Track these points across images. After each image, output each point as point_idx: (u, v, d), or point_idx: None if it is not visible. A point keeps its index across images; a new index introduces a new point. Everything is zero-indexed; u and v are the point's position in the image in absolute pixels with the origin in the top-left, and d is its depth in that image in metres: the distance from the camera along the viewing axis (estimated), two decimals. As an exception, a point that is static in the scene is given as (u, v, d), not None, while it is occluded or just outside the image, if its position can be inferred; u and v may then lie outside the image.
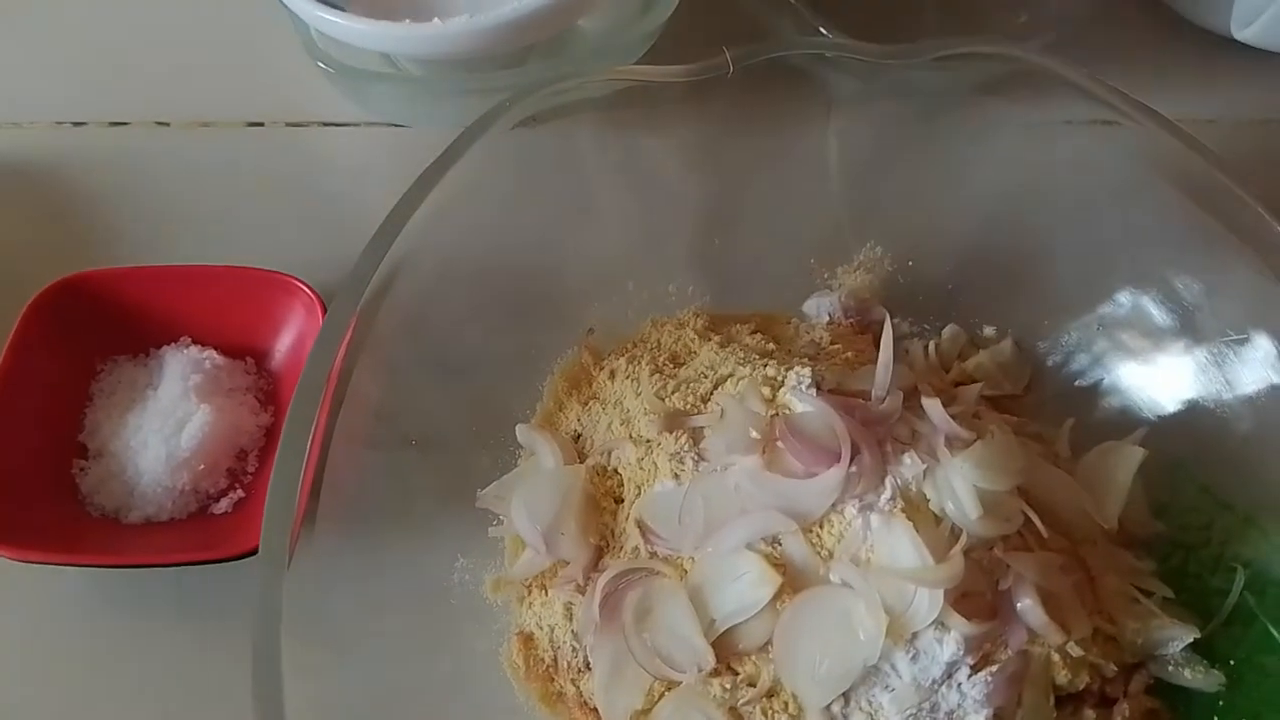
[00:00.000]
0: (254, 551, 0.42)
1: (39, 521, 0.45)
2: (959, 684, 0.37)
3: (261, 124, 0.60)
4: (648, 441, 0.43)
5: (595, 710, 0.40)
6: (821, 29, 0.57)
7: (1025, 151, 0.49)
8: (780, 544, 0.39)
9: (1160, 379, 0.46)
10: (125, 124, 0.60)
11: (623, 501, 0.43)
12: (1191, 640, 0.40)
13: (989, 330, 0.50)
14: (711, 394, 0.44)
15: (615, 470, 0.44)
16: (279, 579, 0.34)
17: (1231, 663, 0.40)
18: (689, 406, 0.43)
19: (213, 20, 0.60)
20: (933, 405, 0.39)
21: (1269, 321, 0.42)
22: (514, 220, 0.46)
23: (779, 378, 0.42)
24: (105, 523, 0.46)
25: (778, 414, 0.41)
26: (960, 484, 0.38)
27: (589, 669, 0.41)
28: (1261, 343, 0.42)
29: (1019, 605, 0.38)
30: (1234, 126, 0.62)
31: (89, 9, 0.65)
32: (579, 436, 0.46)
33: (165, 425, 0.47)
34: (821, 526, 0.38)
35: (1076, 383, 0.48)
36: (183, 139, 0.60)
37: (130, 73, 0.62)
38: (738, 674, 0.38)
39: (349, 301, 0.38)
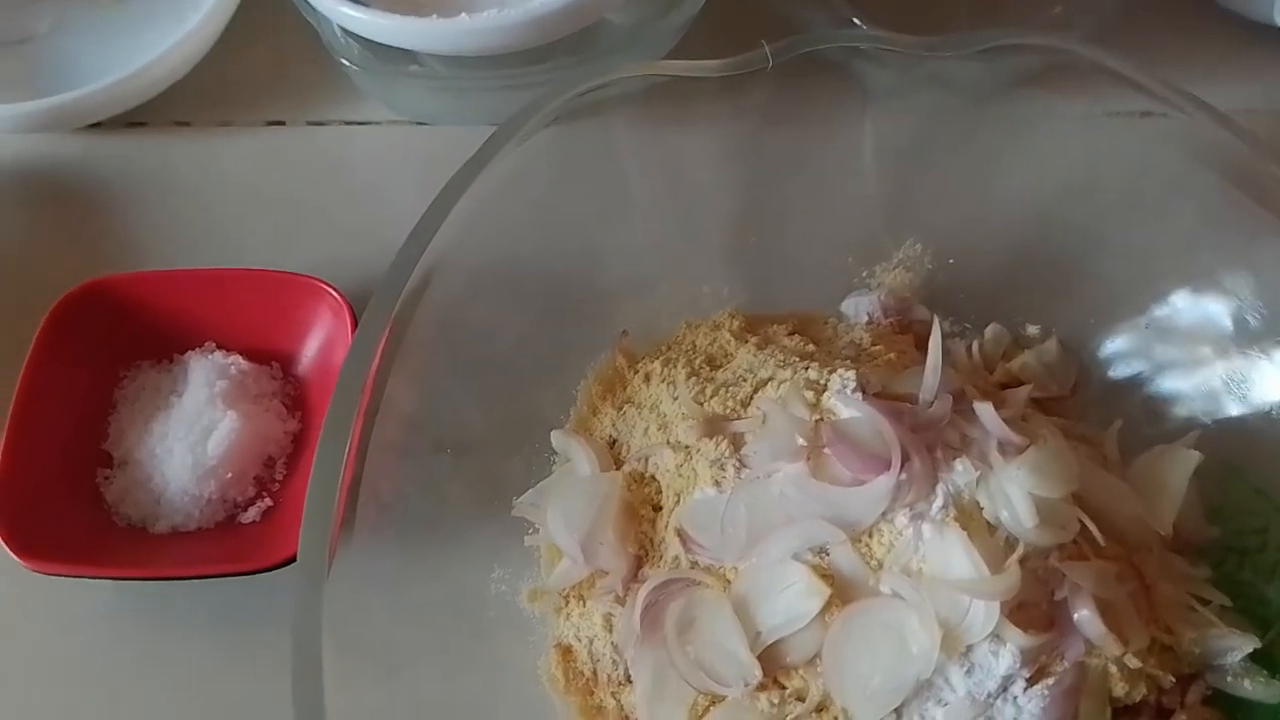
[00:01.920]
0: (284, 563, 0.41)
1: (65, 533, 0.44)
2: (1015, 697, 0.36)
3: (282, 123, 0.59)
4: (686, 447, 0.42)
5: (637, 724, 0.39)
6: (855, 19, 0.55)
7: (1067, 145, 0.48)
8: (828, 554, 0.38)
9: (1211, 379, 0.45)
10: (144, 124, 0.59)
11: (661, 509, 0.42)
12: (1251, 650, 0.39)
13: (1033, 329, 0.49)
14: (752, 398, 0.42)
15: (653, 477, 0.43)
16: (319, 589, 0.33)
17: (1292, 673, 0.39)
18: (729, 411, 0.42)
19: (232, 17, 0.58)
20: (985, 410, 0.38)
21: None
22: (546, 221, 0.45)
23: (822, 381, 0.41)
24: (132, 532, 0.46)
25: (823, 419, 0.39)
26: (1015, 492, 0.36)
27: (630, 682, 0.40)
28: (1320, 344, 0.41)
29: (1076, 616, 0.36)
30: (1276, 115, 0.60)
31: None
32: (614, 442, 0.45)
33: (191, 433, 0.46)
34: (871, 536, 0.37)
35: (1124, 383, 0.47)
36: (203, 139, 0.59)
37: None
38: (785, 688, 0.37)
39: (383, 308, 0.37)
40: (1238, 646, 0.39)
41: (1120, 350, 0.47)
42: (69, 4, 0.62)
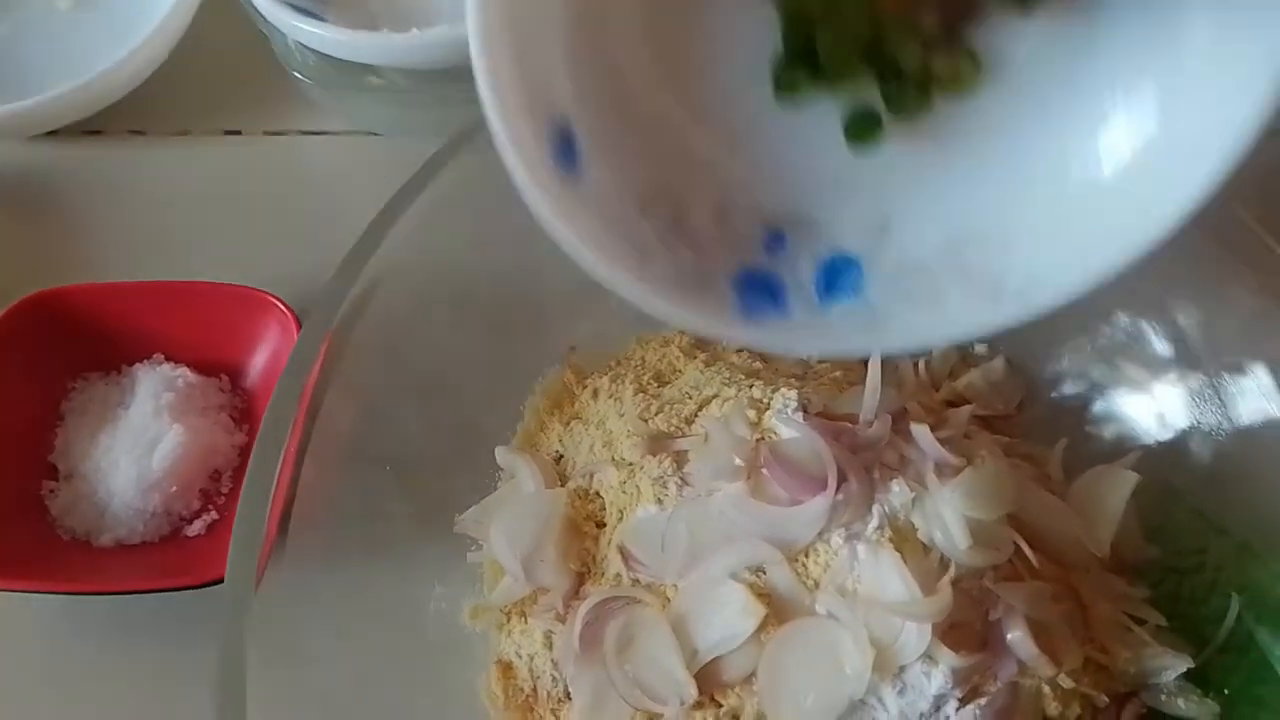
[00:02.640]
0: (226, 578, 0.41)
1: (8, 545, 0.44)
2: (947, 717, 0.36)
3: (239, 132, 0.59)
4: (630, 465, 0.42)
5: (576, 741, 0.39)
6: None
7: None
8: (765, 573, 0.38)
9: (1154, 402, 0.45)
10: (100, 133, 0.59)
11: (605, 526, 0.42)
12: (1185, 669, 0.39)
13: (980, 348, 0.49)
14: (696, 415, 0.43)
15: (597, 493, 0.43)
16: (245, 609, 0.33)
17: (1226, 692, 0.39)
18: (673, 428, 0.42)
19: (189, 25, 0.58)
20: (921, 432, 0.38)
21: (1266, 345, 0.41)
22: (492, 236, 0.44)
23: (765, 400, 0.41)
24: (76, 546, 0.45)
25: (763, 439, 0.40)
26: (949, 514, 0.37)
27: (569, 699, 0.40)
28: (1258, 368, 0.41)
29: (1009, 637, 0.37)
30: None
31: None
32: (560, 457, 0.45)
33: (136, 445, 0.46)
34: (807, 556, 0.37)
35: (1069, 403, 0.47)
36: (159, 148, 0.59)
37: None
38: (721, 707, 0.37)
39: (322, 322, 0.37)
40: (1172, 666, 0.39)
41: (1066, 370, 0.47)
42: (24, 11, 0.62)
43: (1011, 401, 0.48)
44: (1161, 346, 0.44)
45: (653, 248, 0.30)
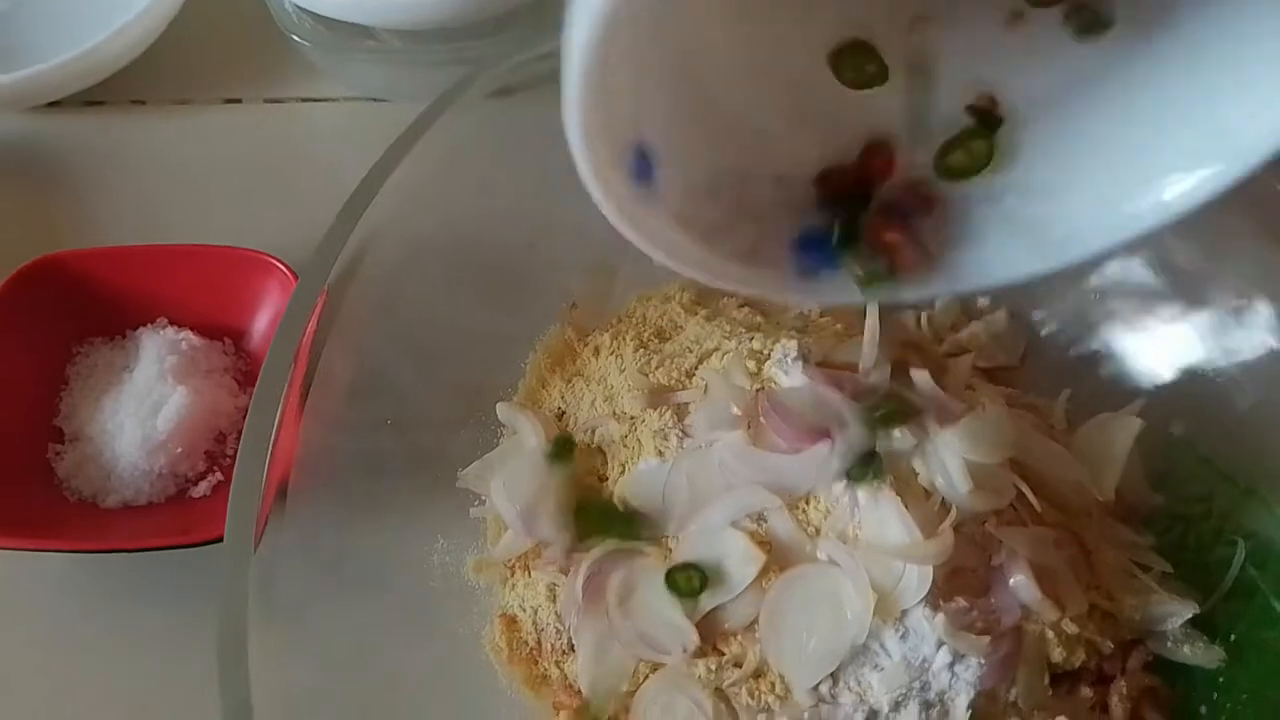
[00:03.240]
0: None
1: (16, 507, 0.44)
2: (950, 662, 0.36)
3: (240, 100, 0.59)
4: (631, 418, 0.42)
5: (580, 693, 0.39)
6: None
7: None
8: (766, 521, 0.38)
9: (1158, 348, 0.45)
10: (102, 103, 0.59)
11: (607, 480, 0.42)
12: (1191, 615, 0.39)
13: (982, 300, 0.48)
14: (696, 369, 0.43)
15: (599, 448, 0.43)
16: (244, 564, 0.33)
17: (1232, 638, 0.39)
18: (673, 382, 0.42)
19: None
20: (921, 377, 0.38)
21: (1269, 287, 0.40)
22: (490, 193, 0.45)
23: (765, 351, 0.41)
24: (83, 507, 0.46)
25: (763, 388, 0.39)
26: (950, 458, 0.37)
27: (573, 651, 0.40)
28: (1262, 309, 0.41)
29: (1012, 581, 0.37)
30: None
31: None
32: (563, 414, 0.45)
33: (141, 408, 0.46)
34: (808, 503, 0.38)
35: (1073, 353, 0.47)
36: (161, 117, 0.59)
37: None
38: (723, 654, 0.37)
39: (316, 278, 0.37)
40: (1178, 612, 0.39)
41: (1069, 320, 0.47)
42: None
43: (1014, 353, 0.47)
44: (1163, 287, 0.44)
45: (719, 227, 0.30)
